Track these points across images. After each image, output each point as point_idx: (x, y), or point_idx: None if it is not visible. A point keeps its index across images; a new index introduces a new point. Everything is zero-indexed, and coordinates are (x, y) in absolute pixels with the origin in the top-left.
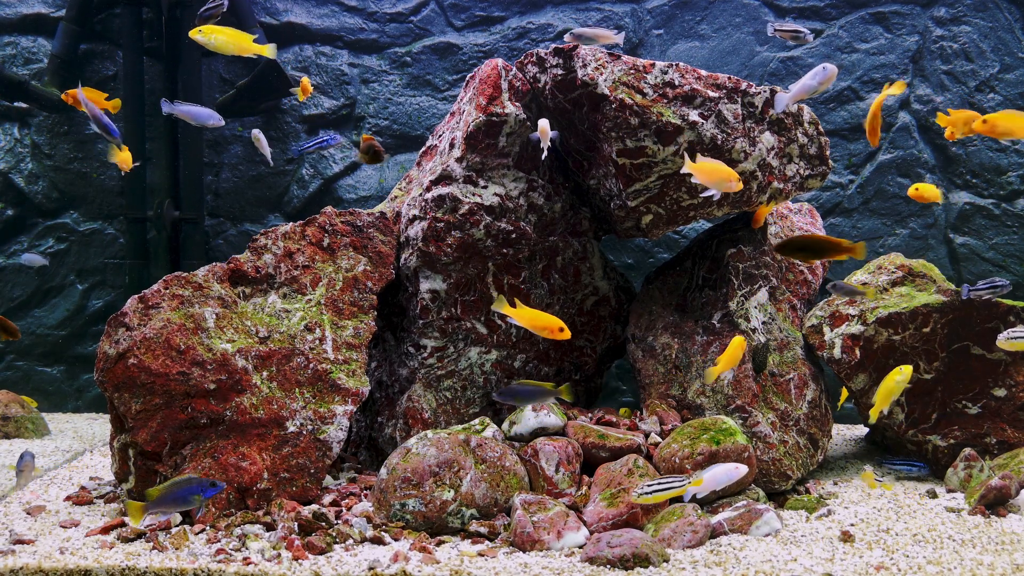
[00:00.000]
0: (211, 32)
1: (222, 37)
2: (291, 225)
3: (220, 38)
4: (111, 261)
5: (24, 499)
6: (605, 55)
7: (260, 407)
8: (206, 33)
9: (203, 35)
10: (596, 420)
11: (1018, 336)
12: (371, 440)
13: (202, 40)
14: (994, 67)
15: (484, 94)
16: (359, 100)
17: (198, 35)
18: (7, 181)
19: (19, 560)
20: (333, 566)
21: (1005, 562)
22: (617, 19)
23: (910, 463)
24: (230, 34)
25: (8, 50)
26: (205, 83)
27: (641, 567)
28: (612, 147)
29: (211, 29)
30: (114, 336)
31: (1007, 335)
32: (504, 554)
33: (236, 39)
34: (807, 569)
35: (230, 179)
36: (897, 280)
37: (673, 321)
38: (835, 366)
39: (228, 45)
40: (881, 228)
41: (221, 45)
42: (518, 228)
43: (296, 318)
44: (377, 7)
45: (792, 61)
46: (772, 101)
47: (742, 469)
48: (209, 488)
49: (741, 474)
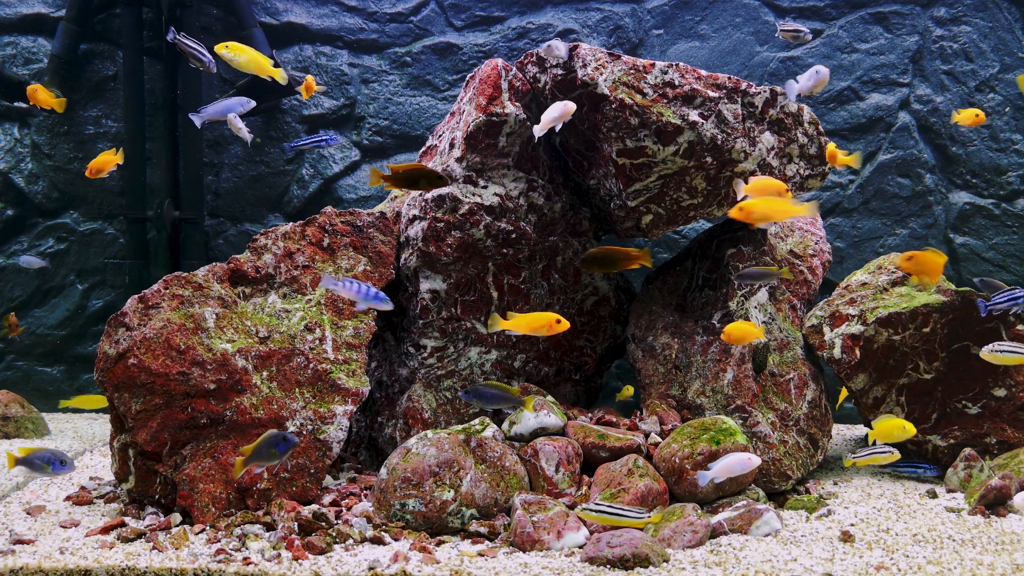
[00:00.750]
0: (236, 50)
1: (245, 56)
2: (291, 225)
3: (244, 57)
4: (111, 261)
5: (24, 499)
6: (605, 55)
7: (260, 407)
8: (232, 50)
9: (228, 51)
10: (596, 420)
11: (1004, 350)
12: (371, 440)
13: (227, 56)
14: (994, 67)
15: (484, 94)
16: (359, 100)
17: (224, 50)
18: (7, 181)
19: (19, 560)
20: (333, 566)
21: (1005, 562)
22: (617, 19)
23: (915, 465)
24: (252, 55)
25: (8, 50)
26: (205, 83)
27: (641, 567)
28: (612, 147)
29: (236, 47)
30: (114, 336)
31: (992, 348)
32: (504, 554)
33: (257, 60)
34: (807, 569)
35: (230, 179)
36: (897, 280)
37: (673, 321)
38: (835, 366)
39: (249, 65)
40: (881, 228)
41: (243, 64)
42: (518, 228)
43: (296, 318)
44: (377, 7)
45: (792, 61)
46: (772, 100)
47: (755, 460)
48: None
49: (754, 465)
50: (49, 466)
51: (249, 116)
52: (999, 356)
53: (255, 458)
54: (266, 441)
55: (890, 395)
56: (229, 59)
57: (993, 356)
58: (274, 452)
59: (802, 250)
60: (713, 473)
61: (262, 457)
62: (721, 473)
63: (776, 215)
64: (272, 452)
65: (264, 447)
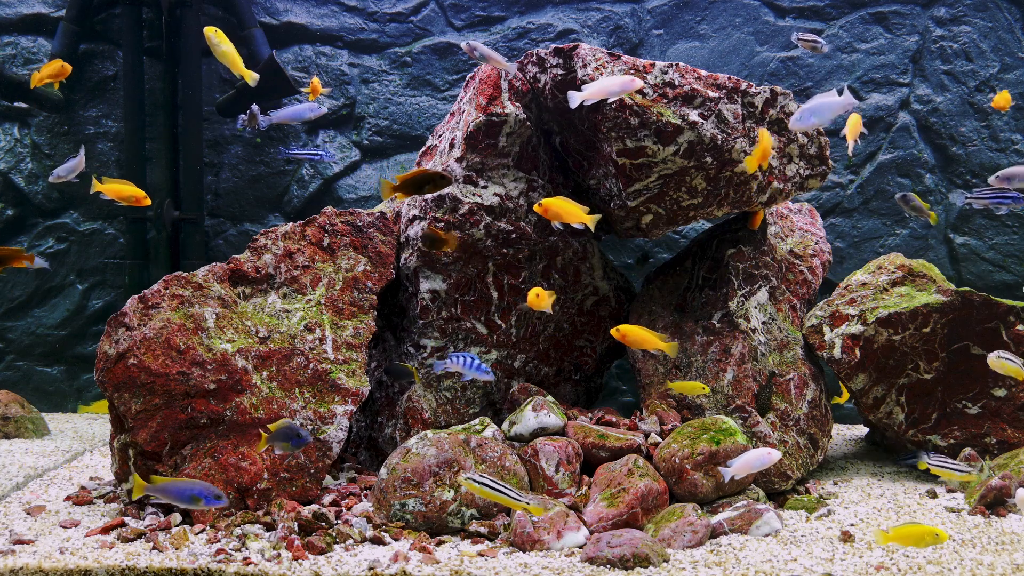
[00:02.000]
0: (220, 39)
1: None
2: (291, 225)
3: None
4: (111, 261)
5: (24, 499)
6: (605, 55)
7: (260, 407)
8: (218, 37)
9: (215, 36)
10: (596, 420)
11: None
12: (371, 440)
13: (212, 40)
14: (994, 67)
15: (484, 94)
16: (359, 100)
17: (211, 34)
18: (7, 181)
19: (19, 560)
20: (333, 566)
21: (1005, 562)
22: (617, 19)
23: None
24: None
25: (8, 50)
26: (205, 83)
27: (641, 567)
28: (612, 147)
29: (223, 38)
30: (114, 336)
31: (997, 355)
32: (504, 554)
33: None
34: (807, 569)
35: (230, 179)
36: (897, 280)
37: (673, 321)
38: (835, 366)
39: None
40: (881, 228)
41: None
42: (518, 228)
43: (296, 318)
44: (377, 7)
45: (792, 61)
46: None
47: (774, 455)
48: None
49: (773, 459)
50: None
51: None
52: (1005, 364)
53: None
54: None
55: (890, 395)
56: (210, 43)
57: (1002, 364)
58: (286, 445)
59: (802, 250)
60: (734, 470)
61: (277, 439)
62: (741, 470)
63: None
64: (285, 445)
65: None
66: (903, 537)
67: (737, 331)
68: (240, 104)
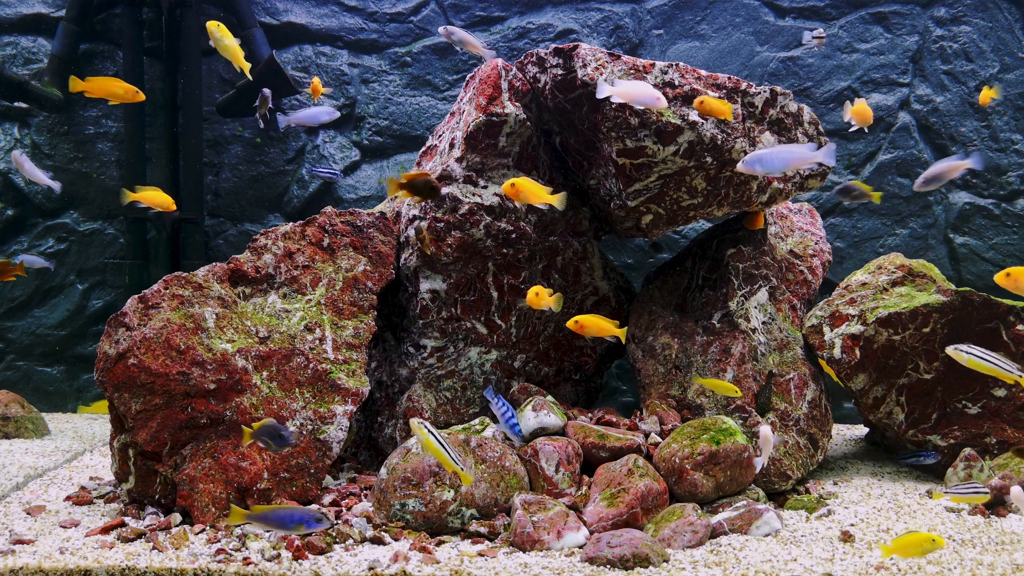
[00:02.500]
0: (223, 33)
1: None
2: (291, 225)
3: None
4: (111, 261)
5: (24, 499)
6: (605, 55)
7: (260, 407)
8: (220, 31)
9: (218, 31)
10: (596, 420)
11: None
12: (371, 440)
13: (214, 34)
14: (994, 67)
15: (484, 94)
16: (359, 100)
17: (214, 28)
18: (7, 181)
19: (19, 560)
20: (333, 566)
21: (1005, 562)
22: (617, 19)
23: (916, 455)
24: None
25: (8, 50)
26: (205, 83)
27: (641, 567)
28: (612, 147)
29: (225, 32)
30: (114, 336)
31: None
32: (504, 554)
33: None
34: (807, 569)
35: (230, 179)
36: (897, 280)
37: (673, 321)
38: (835, 366)
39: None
40: (881, 228)
41: (223, 47)
42: (518, 228)
43: (296, 318)
44: (377, 7)
45: (792, 61)
46: (772, 100)
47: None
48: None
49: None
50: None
51: (249, 116)
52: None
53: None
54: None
55: (890, 395)
56: (213, 37)
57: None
58: (270, 443)
59: (802, 250)
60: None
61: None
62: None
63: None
64: (268, 442)
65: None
66: (905, 547)
67: (737, 331)
68: (240, 104)
